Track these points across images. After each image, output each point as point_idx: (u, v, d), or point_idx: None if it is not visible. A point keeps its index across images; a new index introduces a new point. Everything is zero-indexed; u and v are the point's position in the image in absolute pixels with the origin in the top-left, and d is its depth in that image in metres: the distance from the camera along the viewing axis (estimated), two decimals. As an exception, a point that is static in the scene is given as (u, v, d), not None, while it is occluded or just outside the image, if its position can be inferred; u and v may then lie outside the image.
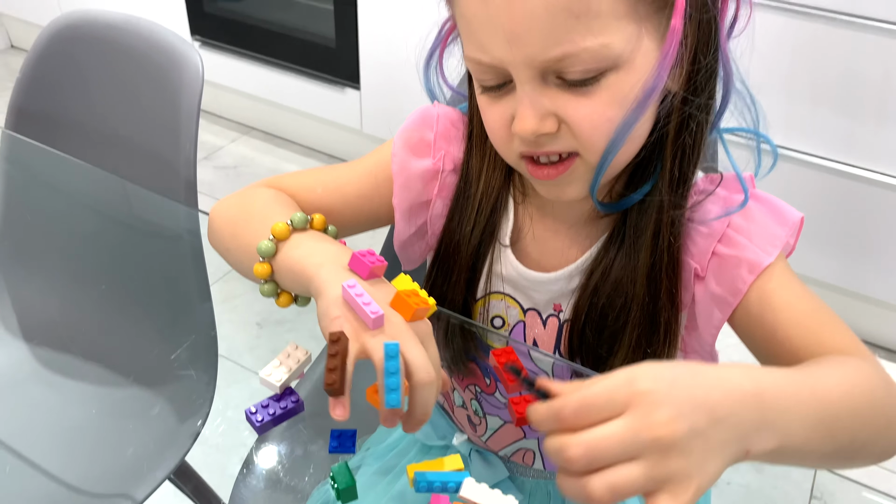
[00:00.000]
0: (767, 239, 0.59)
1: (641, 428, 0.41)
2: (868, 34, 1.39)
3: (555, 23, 0.49)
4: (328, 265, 0.54)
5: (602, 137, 0.55)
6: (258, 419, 0.55)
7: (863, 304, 1.72)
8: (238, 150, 2.39)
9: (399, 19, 1.90)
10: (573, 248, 0.66)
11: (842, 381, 0.51)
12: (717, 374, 0.45)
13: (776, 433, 0.44)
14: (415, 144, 0.68)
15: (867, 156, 1.51)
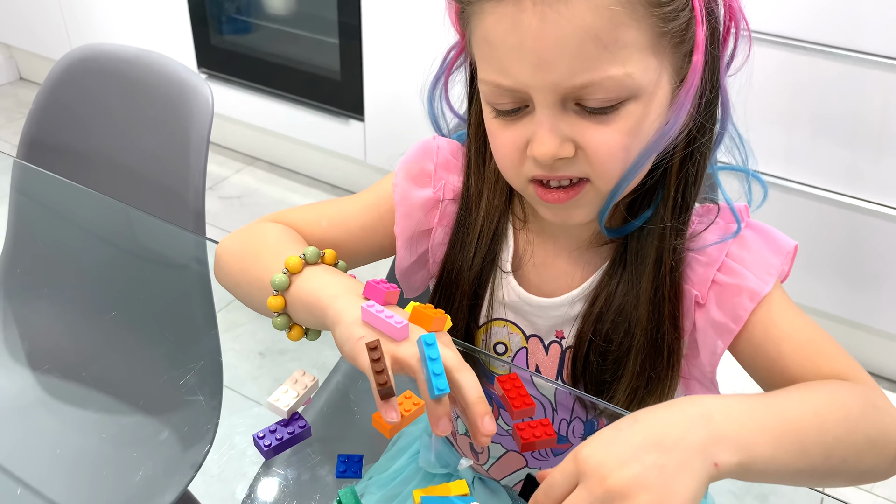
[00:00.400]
0: (764, 267, 0.60)
1: (594, 487, 0.44)
2: (866, 68, 1.42)
3: (583, 50, 0.51)
4: (343, 296, 0.55)
5: (616, 165, 0.56)
6: (266, 444, 0.55)
7: (864, 335, 1.72)
8: (243, 180, 2.42)
9: (402, 53, 1.93)
10: (575, 274, 0.67)
11: (810, 399, 0.52)
12: (659, 412, 0.48)
13: (737, 445, 0.46)
14: (416, 175, 0.70)
15: (867, 187, 1.53)
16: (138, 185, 0.98)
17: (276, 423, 0.57)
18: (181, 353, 0.92)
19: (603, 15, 0.50)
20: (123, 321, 0.93)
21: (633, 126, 0.55)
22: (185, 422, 0.85)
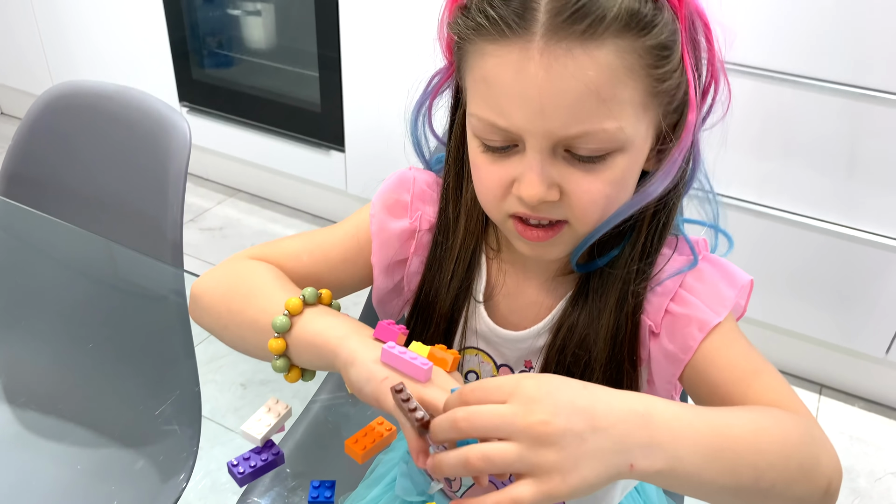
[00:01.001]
0: (718, 299, 0.62)
1: (518, 414, 0.45)
2: (832, 96, 1.47)
3: (582, 104, 0.53)
4: (352, 336, 0.56)
5: (597, 212, 0.58)
6: (240, 471, 0.56)
7: (839, 355, 1.75)
8: (224, 211, 2.43)
9: (382, 84, 1.97)
10: (541, 307, 0.69)
11: (750, 423, 0.53)
12: (611, 392, 0.49)
13: (665, 454, 0.47)
14: (392, 206, 0.71)
15: (836, 211, 1.57)
16: (117, 218, 0.99)
17: (250, 450, 0.58)
18: (158, 385, 0.92)
19: (604, 72, 0.52)
20: (101, 353, 0.93)
21: (617, 177, 0.57)
22: (163, 452, 0.85)
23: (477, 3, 0.55)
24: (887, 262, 1.56)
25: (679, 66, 0.56)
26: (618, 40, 0.52)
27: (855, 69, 1.43)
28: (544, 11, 0.51)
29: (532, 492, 0.45)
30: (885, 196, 1.51)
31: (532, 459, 0.45)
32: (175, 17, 2.22)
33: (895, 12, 1.36)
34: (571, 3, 0.51)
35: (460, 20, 0.57)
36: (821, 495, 0.54)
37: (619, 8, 0.51)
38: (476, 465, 0.45)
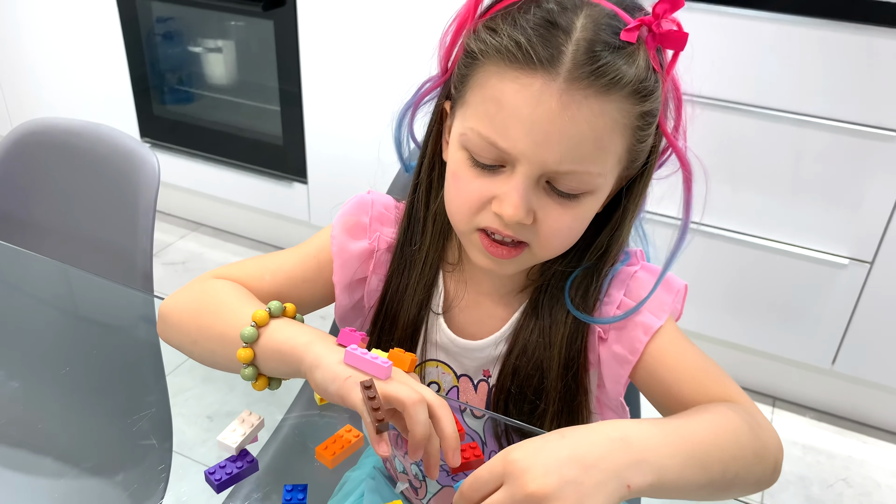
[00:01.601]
0: (658, 304, 0.68)
1: (516, 490, 0.50)
2: (776, 123, 1.56)
3: (582, 146, 0.58)
4: (317, 342, 0.60)
5: (558, 241, 0.64)
6: (216, 478, 0.60)
7: (780, 365, 1.83)
8: (187, 246, 2.44)
9: (343, 117, 2.02)
10: (497, 317, 0.73)
11: (710, 423, 0.59)
12: (584, 432, 0.54)
13: (651, 467, 0.53)
14: (351, 227, 0.75)
15: (780, 230, 1.65)
16: (88, 249, 1.01)
17: (226, 459, 0.61)
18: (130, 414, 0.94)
19: (608, 124, 0.58)
20: (71, 384, 0.95)
21: (583, 214, 0.63)
22: (135, 481, 0.87)
23: (508, 29, 0.58)
24: (830, 277, 1.65)
25: (654, 130, 0.63)
26: (623, 101, 0.58)
27: (796, 98, 1.52)
28: (571, 56, 0.56)
29: None
30: (826, 215, 1.60)
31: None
32: (136, 55, 2.25)
33: (829, 45, 1.46)
34: (597, 59, 0.56)
35: (486, 37, 0.59)
36: (771, 473, 0.61)
37: (633, 75, 0.57)
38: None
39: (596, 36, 0.57)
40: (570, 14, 0.57)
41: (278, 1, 1.95)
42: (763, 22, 1.50)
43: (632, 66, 0.57)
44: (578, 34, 0.57)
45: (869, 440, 1.79)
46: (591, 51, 0.56)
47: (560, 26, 0.57)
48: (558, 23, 0.57)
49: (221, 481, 0.60)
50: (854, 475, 1.70)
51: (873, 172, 1.52)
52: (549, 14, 0.57)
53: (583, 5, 0.58)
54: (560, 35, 0.56)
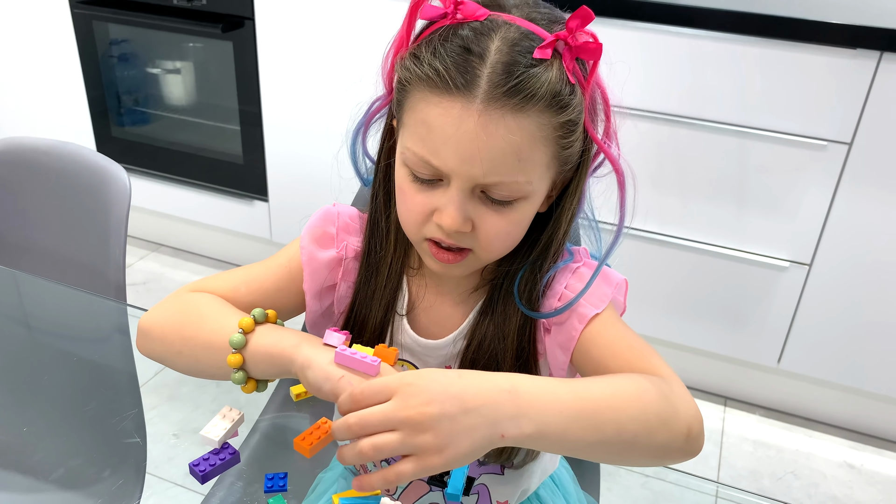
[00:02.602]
0: (597, 296, 0.73)
1: (398, 409, 0.56)
2: (721, 135, 1.65)
3: (505, 159, 0.63)
4: (304, 344, 0.64)
5: (498, 245, 0.70)
6: (200, 470, 0.63)
7: (736, 367, 1.91)
8: (147, 266, 2.44)
9: (302, 136, 2.06)
10: (456, 316, 0.78)
11: (610, 385, 0.64)
12: (482, 375, 0.59)
13: (532, 421, 0.58)
14: (319, 237, 0.79)
15: (728, 237, 1.74)
16: (62, 264, 1.03)
17: (209, 452, 0.65)
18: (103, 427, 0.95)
19: (526, 137, 0.63)
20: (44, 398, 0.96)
21: (519, 219, 0.69)
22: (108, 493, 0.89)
23: (429, 58, 0.63)
24: (772, 280, 1.74)
25: (580, 136, 0.68)
26: (540, 115, 0.63)
27: (737, 111, 1.61)
28: (486, 79, 0.62)
29: (412, 468, 0.55)
30: (767, 221, 1.69)
31: (412, 443, 0.55)
32: (93, 76, 2.26)
33: (765, 61, 1.55)
34: (510, 78, 0.62)
35: (410, 65, 0.65)
36: (682, 440, 0.64)
37: (546, 89, 0.63)
38: (368, 453, 0.55)
39: (510, 57, 0.62)
40: (484, 39, 0.63)
41: (237, 23, 1.99)
42: (704, 40, 1.59)
43: (545, 82, 0.62)
44: (493, 57, 0.62)
45: (815, 434, 1.88)
46: (505, 72, 0.62)
47: (474, 52, 0.62)
48: (472, 49, 0.62)
49: (205, 472, 0.63)
50: (802, 468, 1.78)
51: (808, 180, 1.62)
52: (465, 41, 0.63)
53: (498, 28, 0.63)
54: (475, 60, 0.62)
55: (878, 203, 1.59)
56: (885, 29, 1.45)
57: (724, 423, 1.90)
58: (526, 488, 0.84)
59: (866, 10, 1.58)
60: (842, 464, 1.80)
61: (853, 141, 1.56)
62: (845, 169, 1.59)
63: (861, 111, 1.53)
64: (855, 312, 1.70)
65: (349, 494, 0.61)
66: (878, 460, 1.81)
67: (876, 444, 1.86)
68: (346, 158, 0.81)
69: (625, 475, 1.36)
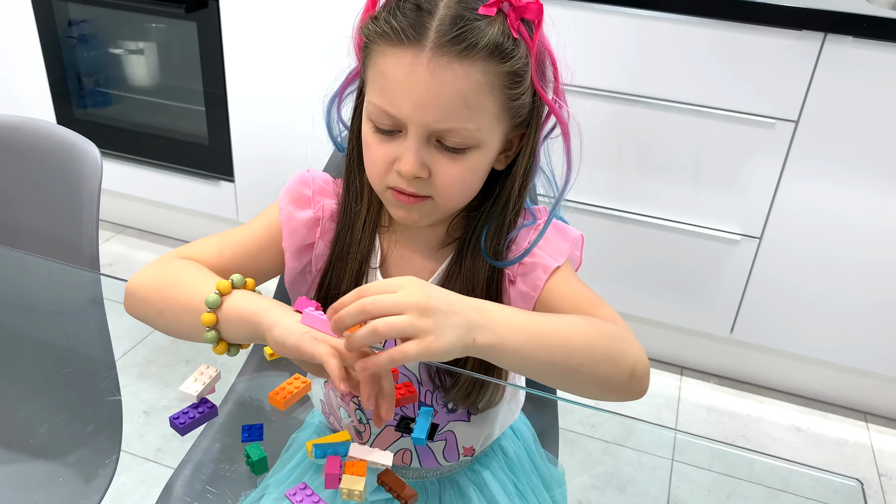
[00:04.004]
0: (556, 250, 0.80)
1: (407, 297, 0.62)
2: (678, 114, 1.71)
3: (453, 105, 0.69)
4: (274, 308, 0.68)
5: (454, 192, 0.75)
6: (181, 422, 0.67)
7: (685, 337, 1.99)
8: (113, 248, 2.44)
9: (268, 116, 2.08)
10: (427, 270, 0.84)
11: (560, 320, 0.72)
12: (456, 294, 0.67)
13: (493, 332, 0.65)
14: (297, 199, 0.84)
15: (684, 212, 1.81)
16: (35, 240, 1.05)
17: (188, 406, 0.68)
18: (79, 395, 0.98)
19: (472, 84, 0.69)
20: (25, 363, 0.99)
21: (473, 167, 0.74)
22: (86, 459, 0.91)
23: (384, 15, 0.71)
24: (725, 253, 1.81)
25: (528, 90, 0.74)
26: (485, 63, 0.69)
27: (693, 91, 1.68)
28: (434, 30, 0.69)
29: (415, 347, 0.61)
30: (719, 197, 1.76)
31: (417, 325, 0.61)
32: (53, 57, 2.25)
33: (717, 42, 1.62)
34: (455, 29, 0.68)
35: (370, 25, 0.72)
36: (627, 377, 0.71)
37: (488, 39, 0.69)
38: (382, 331, 0.61)
39: (456, 12, 0.69)
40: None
41: (201, 3, 1.99)
42: (661, 22, 1.64)
43: (487, 33, 0.69)
44: (441, 12, 0.69)
45: (765, 400, 1.97)
46: (451, 24, 0.68)
47: (424, 9, 0.69)
48: (423, 7, 0.69)
49: (185, 425, 0.67)
50: (752, 431, 1.87)
51: (758, 157, 1.69)
52: (417, 1, 0.70)
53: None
54: (425, 15, 0.69)
55: (823, 178, 1.67)
56: (828, 11, 1.52)
57: (680, 391, 1.98)
58: (489, 433, 0.90)
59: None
60: (790, 427, 1.89)
61: (799, 119, 1.63)
62: (792, 146, 1.66)
63: (807, 90, 1.60)
64: (802, 283, 1.79)
65: (322, 441, 0.66)
66: (823, 423, 1.91)
67: (821, 409, 1.96)
68: (321, 126, 0.86)
69: (585, 441, 1.43)
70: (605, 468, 1.41)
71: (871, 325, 1.78)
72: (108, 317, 1.01)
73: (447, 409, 0.86)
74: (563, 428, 1.14)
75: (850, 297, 1.76)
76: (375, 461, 0.65)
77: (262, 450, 0.66)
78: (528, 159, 0.78)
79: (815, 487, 0.85)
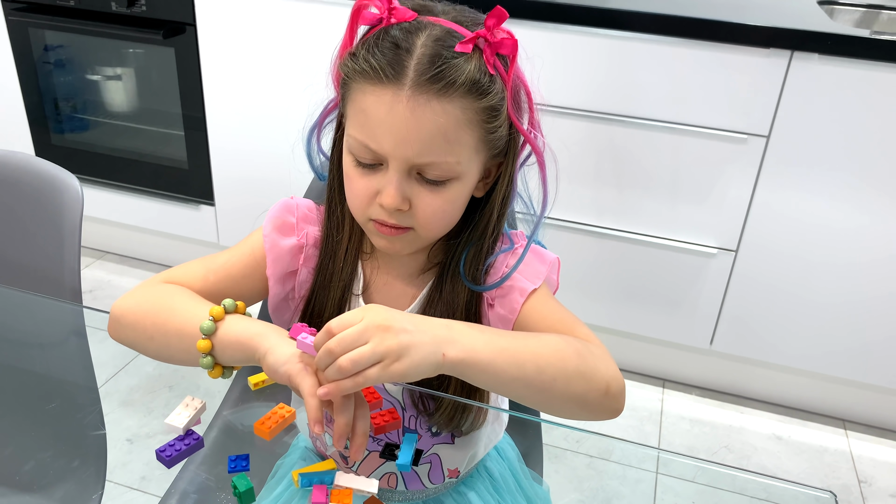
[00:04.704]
0: (533, 273, 0.82)
1: (369, 326, 0.63)
2: (655, 132, 1.74)
3: (433, 140, 0.71)
4: (270, 333, 0.70)
5: (436, 224, 0.77)
6: (167, 455, 0.67)
7: (666, 349, 2.02)
8: (93, 274, 2.43)
9: (246, 139, 2.08)
10: (408, 295, 0.85)
11: (531, 336, 0.73)
12: (421, 316, 0.69)
13: (463, 346, 0.67)
14: (281, 226, 0.85)
15: (662, 227, 1.84)
16: (16, 272, 1.05)
17: (174, 438, 0.69)
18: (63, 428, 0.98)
19: (451, 121, 0.71)
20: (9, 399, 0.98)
21: (453, 198, 0.76)
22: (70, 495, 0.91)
23: (363, 53, 0.73)
24: (702, 266, 1.84)
25: (505, 123, 0.76)
26: (463, 99, 0.71)
27: (670, 109, 1.71)
28: (413, 69, 0.70)
29: (377, 370, 0.63)
30: (695, 211, 1.79)
31: (379, 350, 0.63)
32: (29, 83, 2.24)
33: (693, 61, 1.65)
34: (433, 67, 0.70)
35: (349, 63, 0.74)
36: (601, 395, 0.73)
37: (466, 77, 0.71)
38: (347, 367, 0.62)
39: (433, 51, 0.70)
40: (412, 37, 0.71)
41: (178, 29, 2.00)
42: (635, 42, 1.68)
43: (465, 71, 0.70)
44: (419, 51, 0.70)
45: (746, 410, 2.00)
46: (430, 62, 0.70)
47: (402, 48, 0.71)
48: (401, 45, 0.71)
49: (172, 457, 0.67)
50: (734, 441, 1.89)
51: (732, 171, 1.73)
52: (395, 39, 0.71)
53: (424, 27, 0.72)
54: (403, 54, 0.70)
55: (795, 190, 1.71)
56: (794, 30, 1.56)
57: (662, 404, 2.00)
58: (474, 454, 0.91)
59: (778, 12, 1.70)
60: (770, 436, 1.92)
61: (770, 133, 1.67)
62: (765, 160, 1.70)
63: (776, 106, 1.64)
64: (779, 294, 1.82)
65: (306, 469, 0.66)
66: (803, 431, 1.94)
67: (801, 417, 1.98)
68: (302, 156, 0.87)
69: (571, 457, 1.44)
70: (590, 483, 1.42)
71: (847, 333, 1.81)
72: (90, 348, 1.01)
73: (431, 433, 0.87)
74: (547, 444, 1.15)
75: (826, 307, 1.80)
76: (361, 489, 0.66)
77: (249, 480, 0.67)
78: (506, 187, 0.80)
79: (794, 498, 0.87)
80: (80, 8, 2.06)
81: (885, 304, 1.76)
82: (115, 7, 2.02)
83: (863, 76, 1.57)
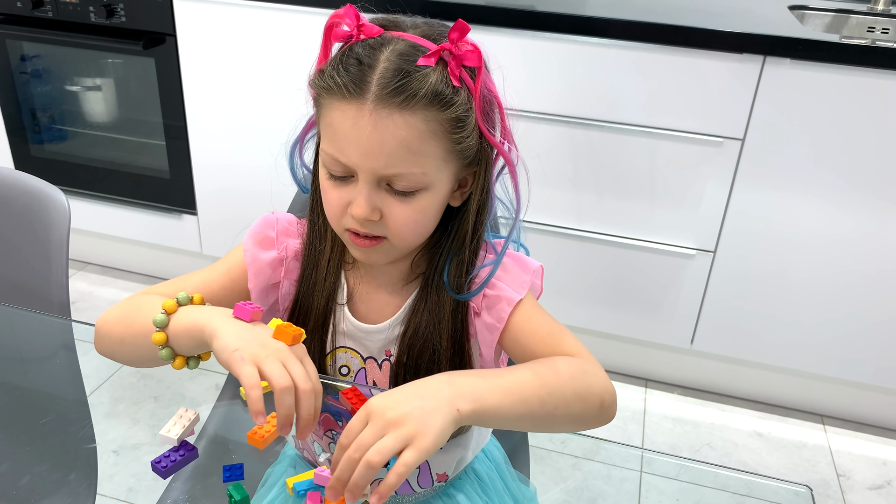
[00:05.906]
0: (518, 282, 0.83)
1: (377, 420, 0.64)
2: (630, 136, 1.77)
3: (398, 153, 0.73)
4: (217, 317, 0.71)
5: (408, 234, 0.79)
6: (162, 466, 0.68)
7: (648, 350, 2.05)
8: (75, 285, 2.42)
9: (228, 148, 2.09)
10: (393, 304, 0.87)
11: (532, 367, 0.75)
12: (420, 381, 0.69)
13: (471, 398, 0.68)
14: (261, 241, 0.87)
15: (639, 229, 1.87)
16: (4, 288, 1.05)
17: (169, 449, 0.70)
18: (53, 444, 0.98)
19: (414, 132, 0.73)
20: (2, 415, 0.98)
21: (423, 207, 0.78)
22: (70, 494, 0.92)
23: (329, 70, 0.74)
24: (682, 267, 1.88)
25: (474, 133, 0.77)
26: (425, 111, 0.73)
27: (648, 113, 1.74)
28: (375, 84, 0.72)
29: (412, 454, 0.63)
30: (675, 213, 1.82)
31: (403, 435, 0.63)
32: (7, 93, 2.23)
33: (668, 66, 1.68)
34: (395, 81, 0.72)
35: (317, 80, 0.76)
36: (597, 410, 0.75)
37: (427, 89, 0.72)
38: (376, 461, 0.63)
39: (396, 65, 0.72)
40: (375, 52, 0.73)
41: (158, 39, 2.00)
42: (610, 48, 1.71)
43: (426, 83, 0.72)
44: (382, 66, 0.72)
45: (727, 408, 2.03)
46: (392, 77, 0.72)
47: (365, 63, 0.73)
48: (364, 61, 0.73)
49: (167, 468, 0.68)
50: (716, 439, 1.93)
51: (708, 174, 1.76)
52: (359, 56, 0.73)
53: (388, 42, 0.74)
54: (366, 69, 0.72)
55: (770, 191, 1.74)
56: (766, 35, 1.60)
57: (645, 404, 2.03)
58: (462, 457, 0.93)
59: (750, 18, 1.74)
60: (751, 433, 1.95)
61: (745, 137, 1.71)
62: (740, 162, 1.74)
63: (750, 110, 1.68)
64: (757, 293, 1.86)
65: (300, 478, 0.68)
66: (783, 427, 1.98)
67: (781, 413, 2.02)
68: (285, 166, 0.88)
69: (556, 458, 1.46)
70: (575, 483, 1.44)
71: (824, 330, 1.85)
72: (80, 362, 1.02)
73: None
74: (533, 445, 1.18)
75: (803, 305, 1.84)
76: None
77: (244, 489, 0.68)
78: (481, 196, 0.82)
79: (774, 493, 0.90)
80: (58, 19, 2.06)
81: (859, 301, 1.80)
82: (94, 18, 2.02)
83: (833, 79, 1.61)
